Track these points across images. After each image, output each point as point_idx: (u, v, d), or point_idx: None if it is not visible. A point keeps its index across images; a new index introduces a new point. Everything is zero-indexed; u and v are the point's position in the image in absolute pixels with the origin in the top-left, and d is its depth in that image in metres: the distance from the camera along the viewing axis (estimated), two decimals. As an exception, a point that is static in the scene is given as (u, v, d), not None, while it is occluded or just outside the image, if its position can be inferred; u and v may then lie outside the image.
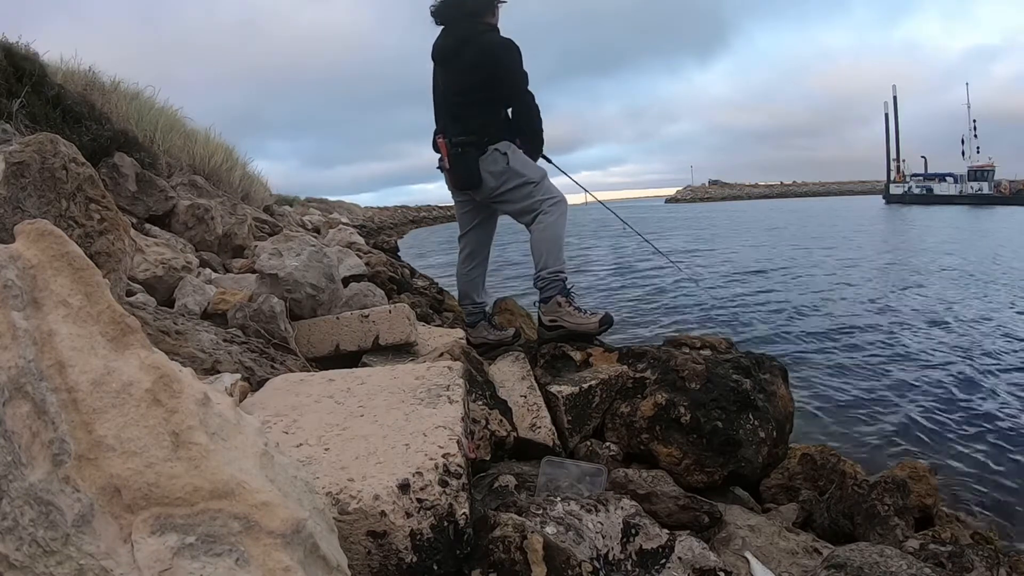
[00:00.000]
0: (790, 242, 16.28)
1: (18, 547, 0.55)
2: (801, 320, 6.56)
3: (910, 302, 7.44)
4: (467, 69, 2.52)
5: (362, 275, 4.51)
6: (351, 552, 0.89)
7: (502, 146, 2.56)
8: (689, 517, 1.54)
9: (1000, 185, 39.45)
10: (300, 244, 2.52)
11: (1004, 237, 16.52)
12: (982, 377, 4.45)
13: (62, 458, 0.59)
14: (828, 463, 2.09)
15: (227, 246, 4.29)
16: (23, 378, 0.60)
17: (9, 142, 2.32)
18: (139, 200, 3.86)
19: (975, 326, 6.05)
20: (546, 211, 2.56)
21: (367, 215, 28.88)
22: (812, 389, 4.28)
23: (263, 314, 2.19)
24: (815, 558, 1.46)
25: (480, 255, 2.89)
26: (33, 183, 1.55)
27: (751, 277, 9.84)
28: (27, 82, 4.01)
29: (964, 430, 3.51)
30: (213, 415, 0.68)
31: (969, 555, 1.40)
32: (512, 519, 1.08)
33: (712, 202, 77.03)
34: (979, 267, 10.44)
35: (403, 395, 1.34)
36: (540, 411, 1.99)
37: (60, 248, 0.67)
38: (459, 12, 2.55)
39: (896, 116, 51.12)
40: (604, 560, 1.20)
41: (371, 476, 0.97)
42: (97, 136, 3.94)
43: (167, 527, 0.59)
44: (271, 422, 1.21)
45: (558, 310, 2.54)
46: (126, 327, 0.67)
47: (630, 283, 9.38)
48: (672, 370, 2.05)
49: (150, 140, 5.57)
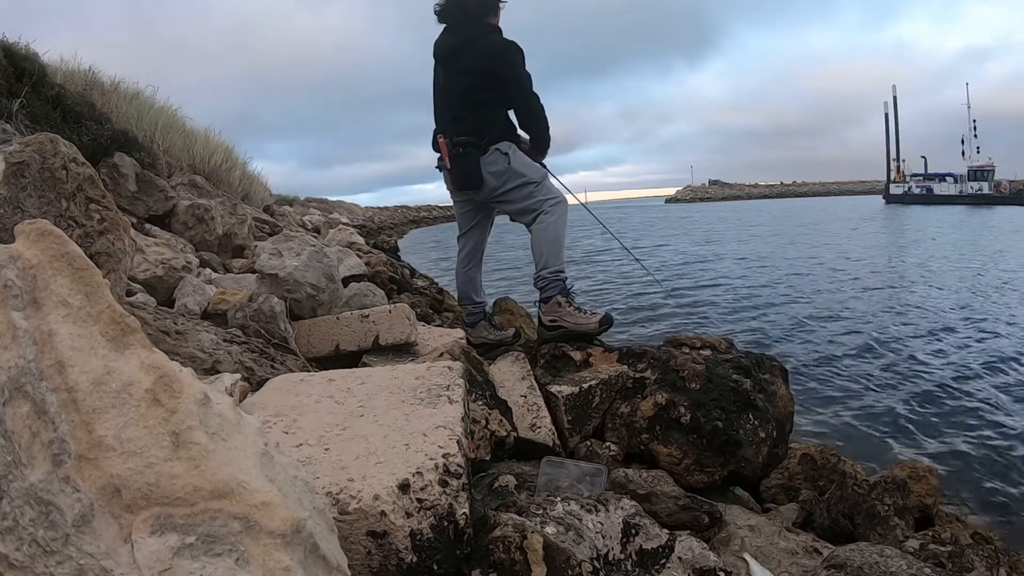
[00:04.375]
0: (790, 242, 16.28)
1: (18, 547, 0.55)
2: (802, 320, 6.56)
3: (912, 302, 7.44)
4: (469, 70, 2.51)
5: (362, 275, 4.51)
6: (351, 552, 0.89)
7: (503, 146, 2.55)
8: (689, 517, 1.54)
9: (1000, 185, 39.44)
10: (300, 244, 2.52)
11: (1005, 236, 16.52)
12: (983, 378, 4.45)
13: (62, 458, 0.59)
14: (828, 463, 2.09)
15: (227, 246, 4.29)
16: (23, 378, 0.60)
17: (9, 142, 2.32)
18: (139, 200, 3.86)
19: (976, 326, 6.05)
20: (547, 211, 2.57)
21: (367, 215, 28.88)
22: (813, 389, 4.28)
23: (263, 314, 2.19)
24: (815, 558, 1.46)
25: (478, 254, 2.89)
26: (33, 183, 1.55)
27: (751, 277, 9.85)
28: (27, 82, 4.01)
29: (964, 430, 3.52)
30: (213, 415, 0.68)
31: (969, 555, 1.40)
32: (512, 519, 1.08)
33: (712, 202, 76.99)
34: (982, 267, 10.44)
35: (403, 395, 1.34)
36: (540, 411, 1.98)
37: (60, 248, 0.67)
38: (462, 12, 2.55)
39: (896, 116, 51.12)
40: (604, 560, 1.20)
41: (371, 476, 0.97)
42: (97, 136, 3.94)
43: (167, 527, 0.59)
44: (271, 422, 1.21)
45: (558, 310, 2.54)
46: (126, 327, 0.67)
47: (630, 282, 9.40)
48: (672, 370, 2.05)
49: (150, 140, 5.57)
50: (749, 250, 14.43)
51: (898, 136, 50.91)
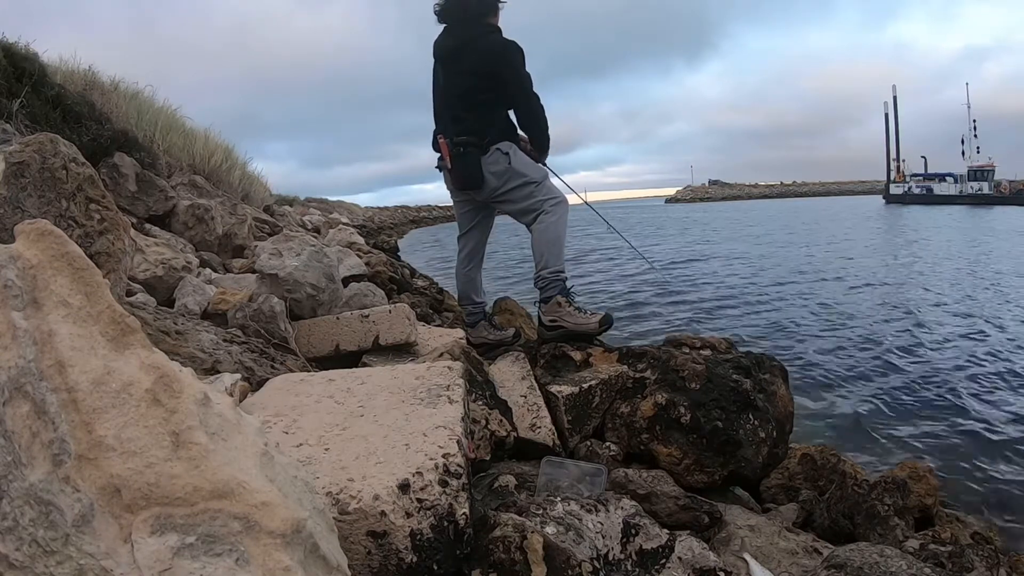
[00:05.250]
0: (790, 242, 16.29)
1: (18, 547, 0.55)
2: (802, 320, 6.56)
3: (912, 302, 7.44)
4: (470, 70, 2.51)
5: (362, 275, 4.51)
6: (351, 552, 0.89)
7: (504, 146, 2.55)
8: (689, 517, 1.54)
9: (1000, 185, 39.43)
10: (300, 244, 2.52)
11: (1007, 236, 16.53)
12: (983, 377, 4.45)
13: (62, 458, 0.59)
14: (828, 463, 2.09)
15: (227, 246, 4.29)
16: (23, 378, 0.60)
17: (9, 142, 2.32)
18: (139, 200, 3.86)
19: (976, 326, 6.05)
20: (547, 211, 2.57)
21: (367, 215, 28.87)
22: (812, 389, 4.28)
23: (263, 314, 2.19)
24: (815, 558, 1.46)
25: (479, 254, 2.89)
26: (33, 183, 1.55)
27: (751, 277, 9.85)
28: (27, 82, 4.01)
29: (965, 430, 3.52)
30: (213, 415, 0.68)
31: (969, 555, 1.40)
32: (512, 519, 1.08)
33: (712, 202, 76.99)
34: (984, 267, 10.44)
35: (403, 395, 1.34)
36: (540, 411, 1.98)
37: (60, 248, 0.67)
38: (462, 12, 2.55)
39: (896, 116, 51.10)
40: (604, 560, 1.20)
41: (371, 476, 0.97)
42: (97, 136, 3.94)
43: (167, 527, 0.59)
44: (271, 422, 1.21)
45: (558, 310, 2.54)
46: (126, 327, 0.67)
47: (629, 281, 9.40)
48: (672, 370, 2.05)
49: (150, 140, 5.57)
50: (750, 250, 14.44)
51: (898, 136, 50.92)
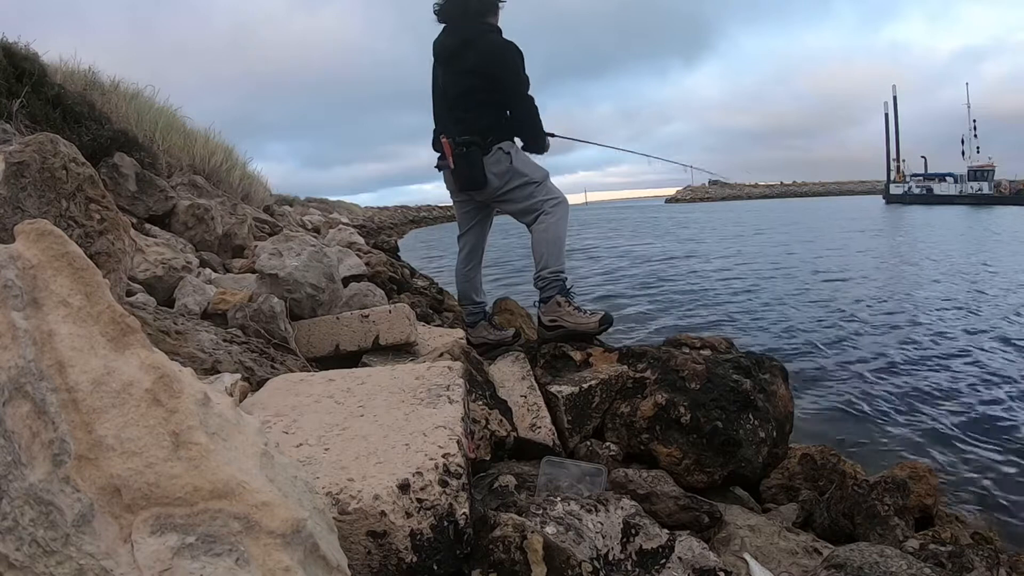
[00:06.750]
0: (791, 242, 16.29)
1: (18, 547, 0.55)
2: (801, 320, 6.56)
3: (911, 302, 7.44)
4: (470, 70, 2.51)
5: (362, 275, 4.52)
6: (351, 552, 0.89)
7: (505, 145, 2.55)
8: (689, 517, 1.54)
9: (1000, 185, 39.43)
10: (300, 244, 2.52)
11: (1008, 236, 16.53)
12: (983, 377, 4.45)
13: (62, 458, 0.59)
14: (828, 463, 2.09)
15: (227, 246, 4.29)
16: (23, 378, 0.60)
17: (9, 142, 2.32)
18: (139, 200, 3.86)
19: (976, 326, 6.05)
20: (548, 211, 2.57)
21: (367, 215, 28.88)
22: (812, 389, 4.28)
23: (263, 314, 2.19)
24: (815, 558, 1.46)
25: (478, 254, 2.89)
26: (33, 183, 1.55)
27: (751, 277, 9.85)
28: (27, 82, 4.01)
29: (964, 430, 3.51)
30: (213, 415, 0.68)
31: (969, 555, 1.40)
32: (512, 519, 1.08)
33: (712, 202, 76.96)
34: (984, 267, 10.44)
35: (403, 395, 1.34)
36: (540, 411, 1.98)
37: (60, 248, 0.67)
38: (462, 12, 2.54)
39: (896, 116, 51.11)
40: (604, 560, 1.20)
41: (371, 476, 0.97)
42: (97, 136, 3.94)
43: (167, 527, 0.59)
44: (271, 422, 1.21)
45: (558, 310, 2.54)
46: (126, 327, 0.67)
47: (629, 280, 9.40)
48: (672, 370, 2.05)
49: (150, 140, 5.58)
50: (749, 250, 14.44)
51: (898, 136, 50.93)
